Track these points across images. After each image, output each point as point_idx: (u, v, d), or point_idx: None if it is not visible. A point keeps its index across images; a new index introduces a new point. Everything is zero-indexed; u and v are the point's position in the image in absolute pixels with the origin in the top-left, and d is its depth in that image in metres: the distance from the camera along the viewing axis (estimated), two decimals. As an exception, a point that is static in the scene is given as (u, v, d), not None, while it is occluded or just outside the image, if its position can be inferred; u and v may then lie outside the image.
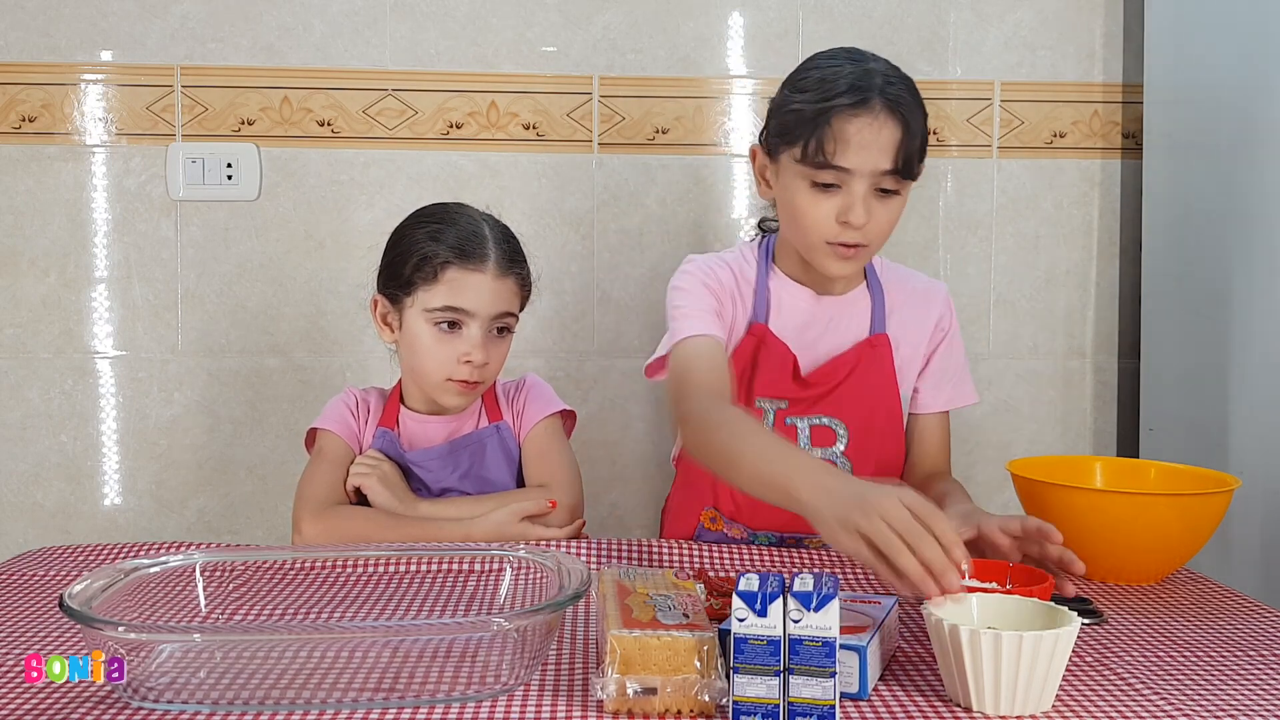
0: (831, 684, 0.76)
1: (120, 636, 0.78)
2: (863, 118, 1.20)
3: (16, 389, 1.92)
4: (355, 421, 1.45)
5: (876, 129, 1.20)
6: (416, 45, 1.92)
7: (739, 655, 0.77)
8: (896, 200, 1.25)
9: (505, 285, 1.39)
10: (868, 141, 1.20)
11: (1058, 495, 1.16)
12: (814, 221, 1.24)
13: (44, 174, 1.90)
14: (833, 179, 1.22)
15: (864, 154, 1.20)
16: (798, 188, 1.25)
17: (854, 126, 1.20)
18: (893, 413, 1.38)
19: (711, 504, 1.40)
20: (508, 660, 0.82)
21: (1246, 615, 1.05)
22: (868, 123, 1.20)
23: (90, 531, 1.93)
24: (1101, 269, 2.04)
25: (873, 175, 1.21)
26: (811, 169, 1.22)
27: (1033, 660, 0.78)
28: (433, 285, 1.36)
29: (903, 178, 1.23)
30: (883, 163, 1.21)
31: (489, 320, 1.38)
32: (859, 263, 1.30)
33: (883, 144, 1.20)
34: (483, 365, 1.37)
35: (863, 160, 1.20)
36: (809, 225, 1.25)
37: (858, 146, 1.20)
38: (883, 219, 1.25)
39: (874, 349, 1.35)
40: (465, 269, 1.36)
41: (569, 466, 1.45)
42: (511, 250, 1.41)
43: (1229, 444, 1.69)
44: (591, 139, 1.95)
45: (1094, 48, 2.01)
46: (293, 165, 1.92)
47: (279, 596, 1.06)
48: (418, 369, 1.40)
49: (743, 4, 1.95)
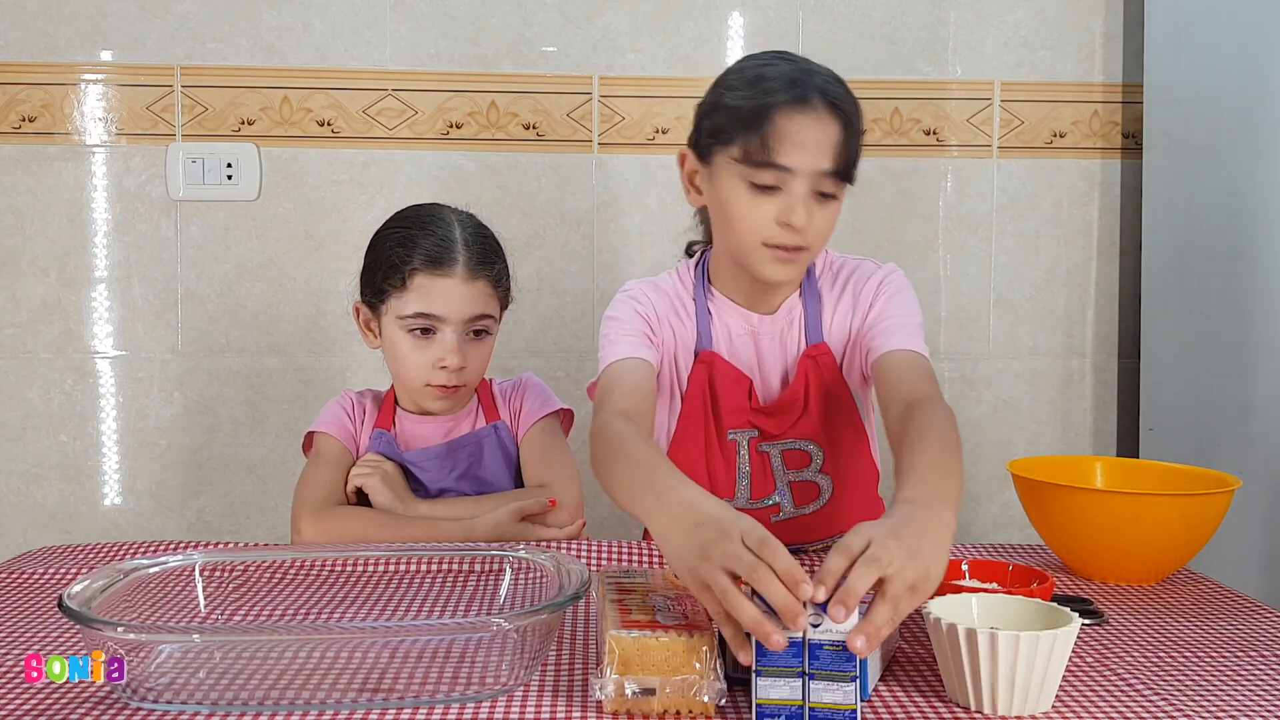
0: (853, 688, 0.76)
1: (120, 637, 0.78)
2: (805, 115, 1.16)
3: (16, 389, 1.92)
4: (352, 424, 1.45)
5: (819, 127, 1.16)
6: (416, 45, 1.92)
7: (761, 658, 0.77)
8: (834, 205, 1.20)
9: (477, 288, 1.37)
10: (809, 140, 1.16)
11: (1058, 495, 1.16)
12: (751, 224, 1.19)
13: (44, 174, 1.90)
14: (773, 179, 1.17)
15: (805, 153, 1.16)
16: (735, 189, 1.19)
17: (795, 124, 1.16)
18: (851, 416, 1.34)
19: None
20: (507, 661, 0.82)
21: (1246, 615, 1.05)
22: (810, 121, 1.16)
23: (90, 531, 1.93)
24: (1101, 269, 2.04)
25: (813, 176, 1.17)
26: (751, 168, 1.17)
27: (1031, 660, 0.78)
28: (404, 293, 1.35)
29: (841, 180, 1.19)
30: (823, 163, 1.16)
31: (463, 324, 1.37)
32: (799, 267, 1.24)
33: (823, 143, 1.16)
34: (459, 369, 1.37)
35: (804, 160, 1.16)
36: (746, 228, 1.20)
37: (799, 145, 1.16)
38: (821, 223, 1.19)
39: (815, 361, 1.30)
40: (434, 274, 1.34)
41: (569, 465, 1.44)
42: (483, 252, 1.38)
43: (1229, 444, 1.69)
44: (591, 139, 1.95)
45: (1094, 48, 2.01)
46: (292, 165, 1.92)
47: (278, 596, 1.06)
48: (398, 375, 1.41)
49: (743, 4, 1.95)
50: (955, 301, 2.02)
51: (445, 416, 1.45)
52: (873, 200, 2.00)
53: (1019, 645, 0.78)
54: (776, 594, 0.76)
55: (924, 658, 0.92)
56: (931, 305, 2.02)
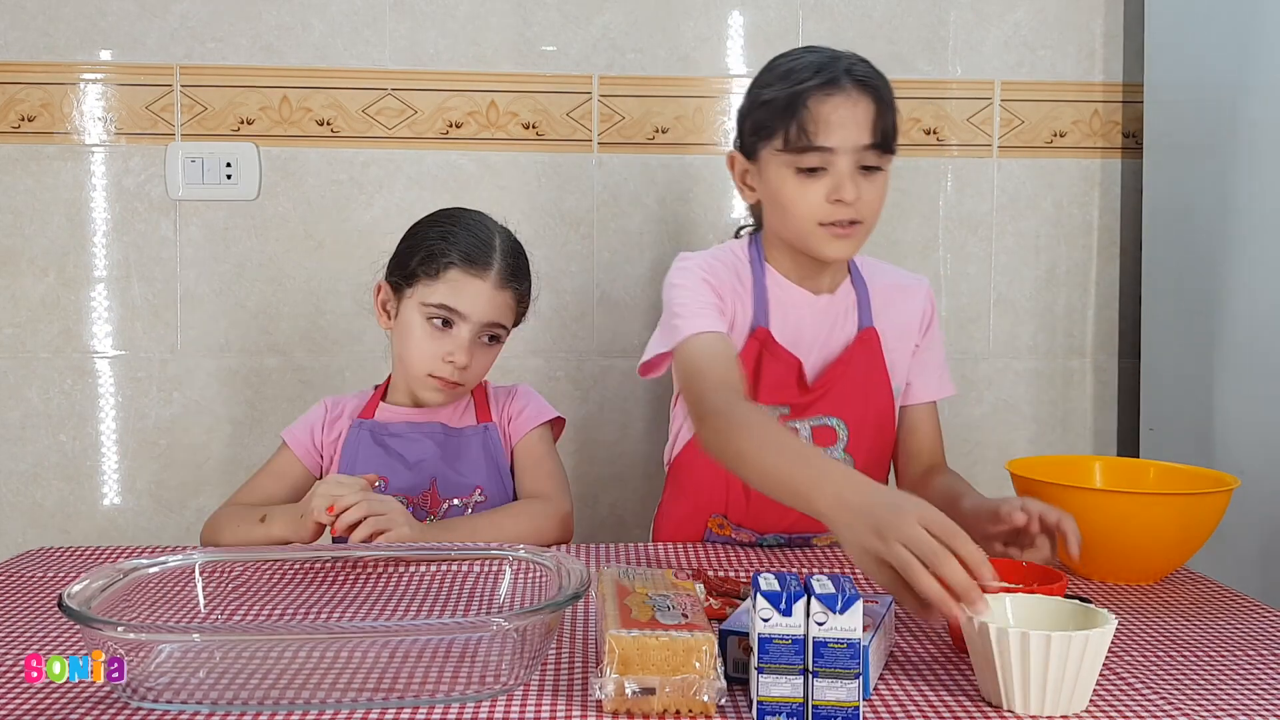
0: (856, 685, 0.76)
1: (119, 636, 0.78)
2: (836, 97, 1.24)
3: (16, 389, 1.92)
4: (320, 436, 1.47)
5: (851, 106, 1.24)
6: (416, 45, 1.92)
7: (764, 655, 0.77)
8: (880, 176, 1.28)
9: (503, 297, 1.42)
10: (845, 119, 1.24)
11: (1058, 495, 1.16)
12: (805, 207, 1.26)
13: (43, 173, 1.90)
14: (817, 161, 1.25)
15: (844, 131, 1.23)
16: (783, 178, 1.27)
17: (829, 106, 1.24)
18: (885, 406, 1.39)
19: (721, 511, 1.38)
20: (507, 660, 0.82)
21: (1246, 615, 1.05)
22: (842, 101, 1.24)
23: (90, 531, 1.93)
24: (1101, 269, 2.04)
25: (855, 151, 1.24)
26: (795, 155, 1.25)
27: (1064, 660, 0.78)
28: (434, 282, 1.40)
29: (883, 152, 1.26)
30: (863, 138, 1.24)
31: (480, 326, 1.41)
32: (856, 241, 1.30)
33: (859, 119, 1.24)
34: (464, 368, 1.40)
35: (844, 137, 1.24)
36: (801, 211, 1.27)
37: (837, 124, 1.23)
38: (871, 195, 1.27)
39: (866, 345, 1.36)
40: (468, 273, 1.39)
41: (561, 476, 1.47)
42: (516, 265, 1.44)
43: (1229, 444, 1.69)
44: (591, 139, 1.95)
45: (1094, 47, 2.01)
46: (292, 165, 1.92)
47: (278, 596, 1.06)
48: (404, 359, 1.43)
49: (743, 4, 1.95)
50: (955, 301, 2.02)
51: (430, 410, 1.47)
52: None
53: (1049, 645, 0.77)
54: (959, 578, 0.82)
55: (923, 656, 0.92)
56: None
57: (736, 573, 1.18)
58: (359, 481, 1.24)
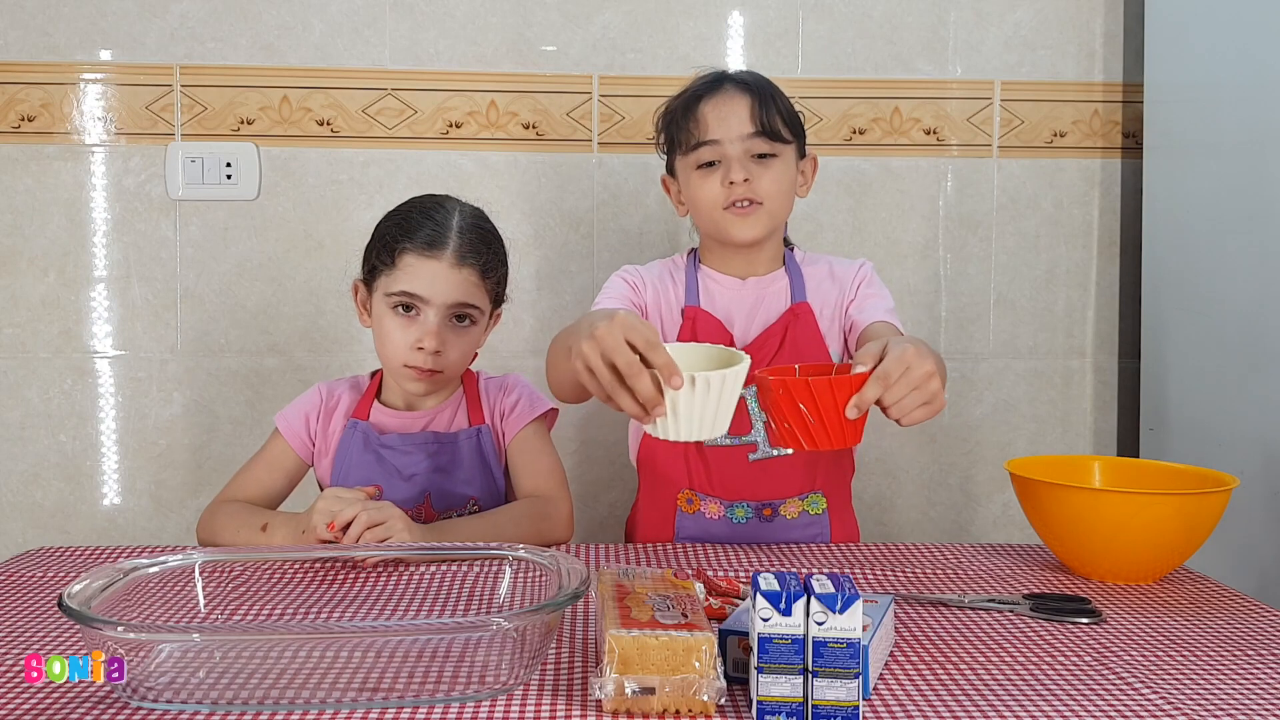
0: (855, 685, 0.76)
1: (119, 636, 0.78)
2: (718, 96, 1.39)
3: (16, 389, 1.92)
4: (315, 425, 1.46)
5: (730, 102, 1.39)
6: (416, 45, 1.92)
7: (763, 655, 0.77)
8: (777, 163, 1.39)
9: (462, 275, 1.38)
10: (725, 114, 1.38)
11: (1057, 495, 1.16)
12: (707, 195, 1.39)
13: (43, 173, 1.90)
14: (710, 155, 1.38)
15: (725, 124, 1.37)
16: (690, 178, 1.41)
17: (710, 105, 1.39)
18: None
19: (685, 485, 1.43)
20: (507, 660, 0.82)
21: (1245, 615, 1.05)
22: (723, 99, 1.39)
23: (89, 531, 1.93)
24: (1101, 269, 2.04)
25: (741, 140, 1.37)
26: (693, 153, 1.39)
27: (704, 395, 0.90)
28: (394, 270, 1.39)
29: (770, 139, 1.38)
30: (745, 127, 1.37)
31: (445, 308, 1.38)
32: (759, 221, 1.40)
33: (739, 112, 1.38)
34: (436, 352, 1.38)
35: (727, 129, 1.37)
36: (705, 200, 1.40)
37: (716, 120, 1.38)
38: (766, 179, 1.38)
39: (798, 316, 1.43)
40: (423, 255, 1.38)
41: (559, 473, 1.45)
42: (475, 241, 1.40)
43: (1229, 444, 1.69)
44: (591, 139, 1.95)
45: (1094, 47, 2.01)
46: (292, 165, 1.92)
47: (279, 596, 1.06)
48: (381, 354, 1.43)
49: (743, 4, 1.95)
50: (955, 301, 2.02)
51: (424, 411, 1.45)
52: (873, 200, 2.00)
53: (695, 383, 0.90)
54: (647, 393, 0.92)
55: (923, 657, 0.92)
56: (931, 305, 2.02)
57: (736, 573, 1.18)
58: (358, 495, 1.23)
